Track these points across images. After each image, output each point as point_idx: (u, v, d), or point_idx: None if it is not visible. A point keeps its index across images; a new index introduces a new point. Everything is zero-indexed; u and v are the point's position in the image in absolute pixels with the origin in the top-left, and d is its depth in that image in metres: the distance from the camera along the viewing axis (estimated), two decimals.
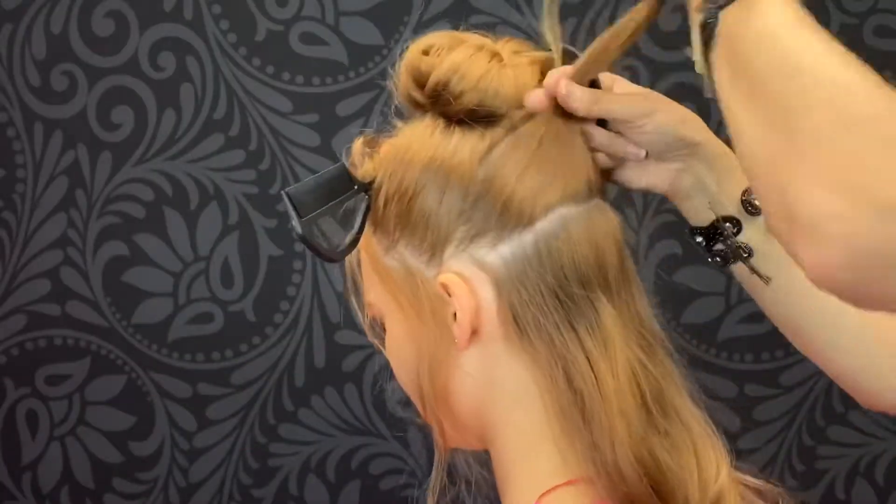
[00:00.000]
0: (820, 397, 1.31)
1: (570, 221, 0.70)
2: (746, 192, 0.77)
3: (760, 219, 0.78)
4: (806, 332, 0.80)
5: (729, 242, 0.79)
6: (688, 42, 0.82)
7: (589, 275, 0.70)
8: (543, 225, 0.71)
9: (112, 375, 1.34)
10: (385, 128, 0.79)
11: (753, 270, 0.79)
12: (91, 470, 1.35)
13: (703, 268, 1.27)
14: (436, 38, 0.75)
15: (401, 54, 0.76)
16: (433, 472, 0.78)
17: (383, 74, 1.28)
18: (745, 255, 0.79)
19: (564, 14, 1.08)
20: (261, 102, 1.30)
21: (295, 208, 0.72)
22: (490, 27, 0.80)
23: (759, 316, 1.30)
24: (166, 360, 1.33)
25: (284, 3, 1.28)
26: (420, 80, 0.74)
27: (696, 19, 0.64)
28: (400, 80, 0.75)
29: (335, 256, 0.75)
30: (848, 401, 1.32)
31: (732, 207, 0.78)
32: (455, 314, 0.71)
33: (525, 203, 0.70)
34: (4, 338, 1.34)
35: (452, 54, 0.73)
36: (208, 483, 1.35)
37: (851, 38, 1.25)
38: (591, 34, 1.25)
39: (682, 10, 1.16)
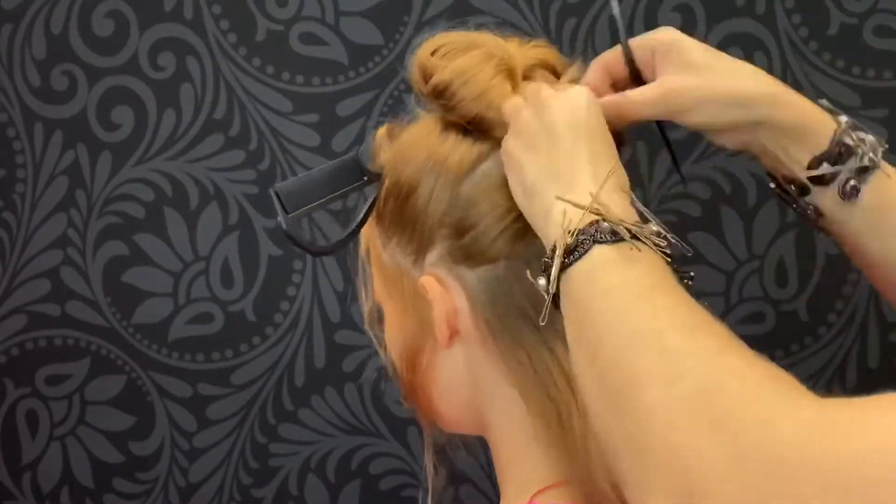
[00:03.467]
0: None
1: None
2: (813, 162, 0.72)
3: (831, 188, 0.73)
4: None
5: (794, 205, 0.76)
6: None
7: None
8: (521, 252, 0.71)
9: (112, 375, 1.34)
10: (410, 118, 0.79)
11: (821, 229, 0.76)
12: (91, 470, 1.35)
13: (704, 267, 1.27)
14: (449, 38, 0.75)
15: (416, 46, 0.76)
16: (425, 457, 0.79)
17: (383, 74, 1.28)
18: (814, 217, 0.75)
19: (564, 14, 1.08)
20: (261, 102, 1.30)
21: (281, 204, 0.72)
22: (490, 28, 0.80)
23: (759, 316, 1.31)
24: (166, 360, 1.33)
25: (284, 3, 1.28)
26: (425, 78, 0.74)
27: (560, 239, 0.62)
28: (410, 73, 0.76)
29: (322, 251, 0.76)
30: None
31: (801, 173, 0.73)
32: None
33: (502, 237, 0.70)
34: (4, 338, 1.34)
35: (460, 59, 0.73)
36: (208, 483, 1.35)
37: (851, 38, 1.25)
38: (591, 34, 1.25)
39: (682, 10, 1.17)
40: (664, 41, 0.74)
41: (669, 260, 0.62)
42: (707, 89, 0.72)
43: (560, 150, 0.66)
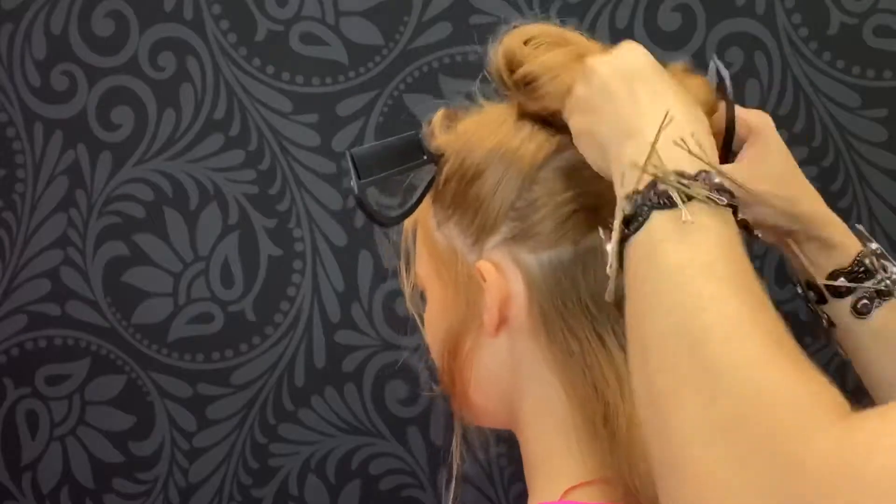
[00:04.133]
0: None
1: None
2: (833, 275, 0.78)
3: (846, 301, 0.79)
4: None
5: (809, 307, 0.81)
6: (687, 41, 0.82)
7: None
8: (587, 244, 0.71)
9: (112, 375, 1.34)
10: (469, 104, 0.79)
11: (830, 339, 0.81)
12: (91, 470, 1.35)
13: None
14: (542, 30, 0.75)
15: (503, 32, 0.76)
16: (453, 443, 0.78)
17: (383, 74, 1.28)
18: (826, 325, 0.80)
19: (564, 14, 1.08)
20: (261, 102, 1.29)
21: (356, 169, 0.72)
22: (490, 28, 0.80)
23: None
24: (166, 360, 1.33)
25: (284, 3, 1.28)
26: (511, 66, 0.74)
27: (621, 206, 0.60)
28: (494, 59, 0.75)
29: (387, 221, 0.75)
30: (847, 401, 1.32)
31: (821, 281, 0.79)
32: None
33: (570, 223, 0.70)
34: (4, 338, 1.34)
35: (551, 53, 0.73)
36: (208, 483, 1.35)
37: (851, 38, 1.25)
38: (591, 34, 1.25)
39: (682, 10, 1.17)
40: (757, 131, 0.79)
41: (733, 210, 0.60)
42: (763, 194, 0.77)
43: (619, 101, 0.64)
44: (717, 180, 0.59)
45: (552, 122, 0.73)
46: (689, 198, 0.57)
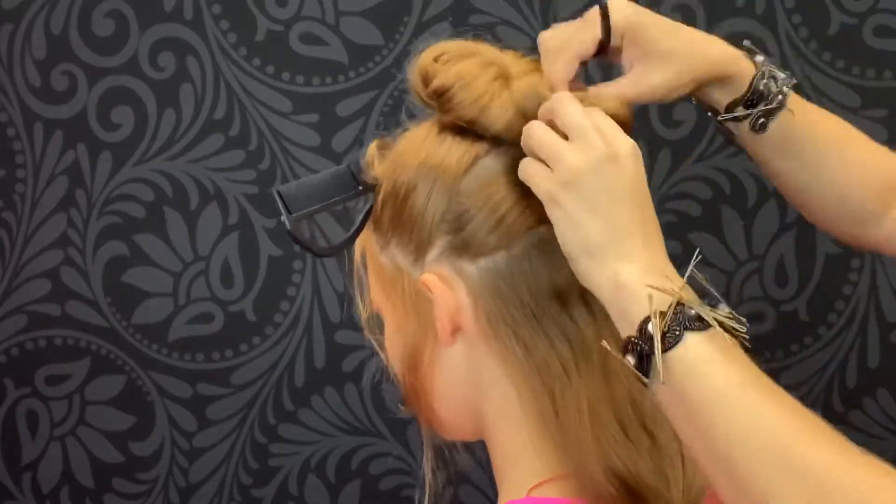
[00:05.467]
0: (820, 398, 1.31)
1: (546, 244, 0.71)
2: (730, 105, 0.83)
3: (745, 122, 0.84)
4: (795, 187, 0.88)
5: (717, 126, 0.86)
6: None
7: (565, 291, 0.71)
8: (520, 245, 0.72)
9: (112, 375, 1.34)
10: (399, 131, 0.81)
11: (736, 146, 0.87)
12: (91, 470, 1.35)
13: (703, 268, 1.27)
14: (450, 46, 0.78)
15: (417, 52, 0.78)
16: (424, 460, 0.80)
17: (383, 74, 1.29)
18: (728, 136, 0.87)
19: (564, 14, 1.08)
20: (261, 102, 1.30)
21: (285, 205, 0.75)
22: (490, 27, 0.80)
23: (759, 316, 1.31)
24: (166, 360, 1.33)
25: (284, 3, 1.28)
26: (426, 81, 0.77)
27: (654, 326, 0.66)
28: (411, 77, 0.78)
29: (326, 252, 0.78)
30: (848, 401, 1.32)
31: (720, 111, 0.84)
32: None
33: (500, 228, 0.71)
34: (4, 338, 1.34)
35: (460, 64, 0.75)
36: (208, 483, 1.35)
37: (851, 38, 1.25)
38: None
39: (682, 11, 1.17)
40: (628, 27, 0.80)
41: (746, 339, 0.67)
42: (674, 80, 0.81)
43: (620, 217, 0.68)
44: (727, 310, 0.68)
45: (470, 131, 0.75)
46: (719, 324, 0.66)
